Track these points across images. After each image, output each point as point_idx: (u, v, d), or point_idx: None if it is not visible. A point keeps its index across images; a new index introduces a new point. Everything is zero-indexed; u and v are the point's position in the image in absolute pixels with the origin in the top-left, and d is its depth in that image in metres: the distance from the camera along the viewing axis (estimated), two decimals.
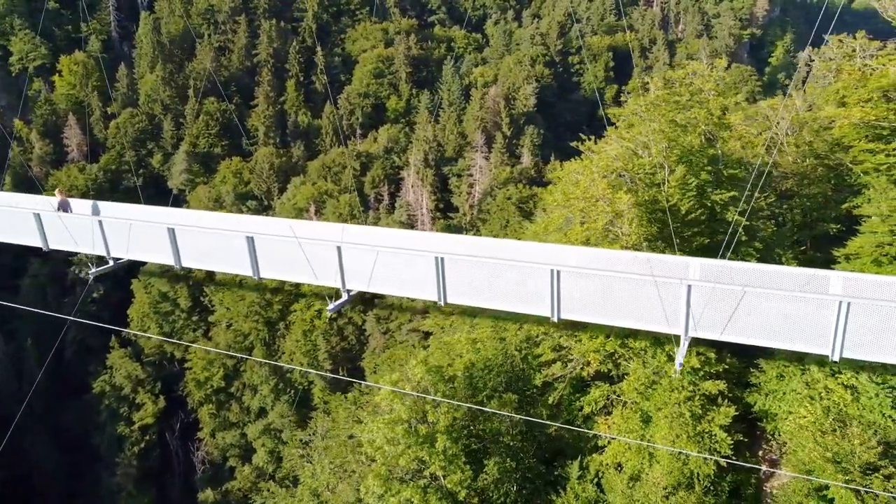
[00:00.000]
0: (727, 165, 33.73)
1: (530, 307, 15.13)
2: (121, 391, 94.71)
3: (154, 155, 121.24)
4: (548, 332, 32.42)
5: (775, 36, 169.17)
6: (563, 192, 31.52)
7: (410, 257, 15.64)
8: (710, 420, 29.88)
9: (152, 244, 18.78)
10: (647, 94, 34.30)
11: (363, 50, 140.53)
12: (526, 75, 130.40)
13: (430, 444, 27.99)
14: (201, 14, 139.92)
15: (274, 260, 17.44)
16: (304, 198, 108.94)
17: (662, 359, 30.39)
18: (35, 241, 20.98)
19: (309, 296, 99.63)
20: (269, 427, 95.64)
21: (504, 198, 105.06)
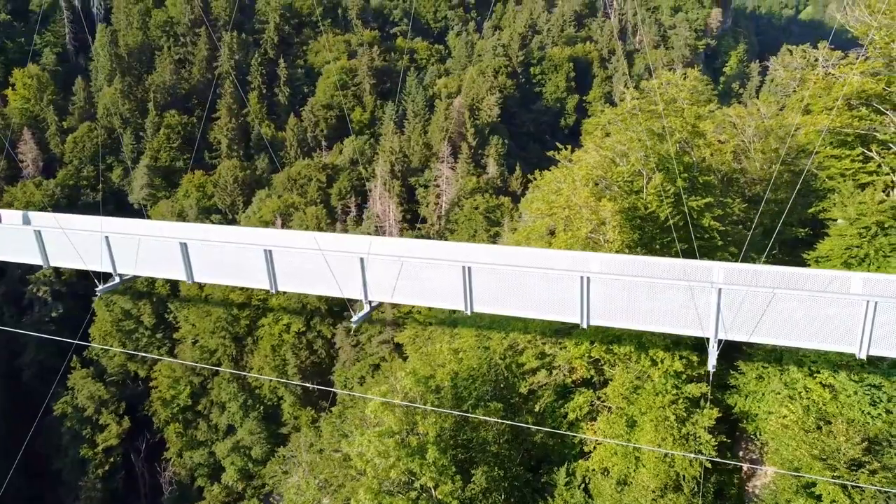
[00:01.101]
0: (701, 172, 34.55)
1: (560, 314, 15.25)
2: (83, 412, 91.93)
3: (114, 169, 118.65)
4: (532, 339, 32.65)
5: (729, 46, 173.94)
6: (545, 200, 31.84)
7: (436, 267, 15.63)
8: (694, 422, 30.43)
9: (162, 259, 18.39)
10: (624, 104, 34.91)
11: (326, 61, 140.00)
12: (489, 86, 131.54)
13: (421, 456, 27.88)
14: (160, 26, 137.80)
15: (292, 273, 17.25)
16: (269, 211, 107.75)
17: (646, 363, 30.87)
18: (35, 259, 20.34)
19: (277, 310, 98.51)
20: (239, 444, 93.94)
21: (471, 207, 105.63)
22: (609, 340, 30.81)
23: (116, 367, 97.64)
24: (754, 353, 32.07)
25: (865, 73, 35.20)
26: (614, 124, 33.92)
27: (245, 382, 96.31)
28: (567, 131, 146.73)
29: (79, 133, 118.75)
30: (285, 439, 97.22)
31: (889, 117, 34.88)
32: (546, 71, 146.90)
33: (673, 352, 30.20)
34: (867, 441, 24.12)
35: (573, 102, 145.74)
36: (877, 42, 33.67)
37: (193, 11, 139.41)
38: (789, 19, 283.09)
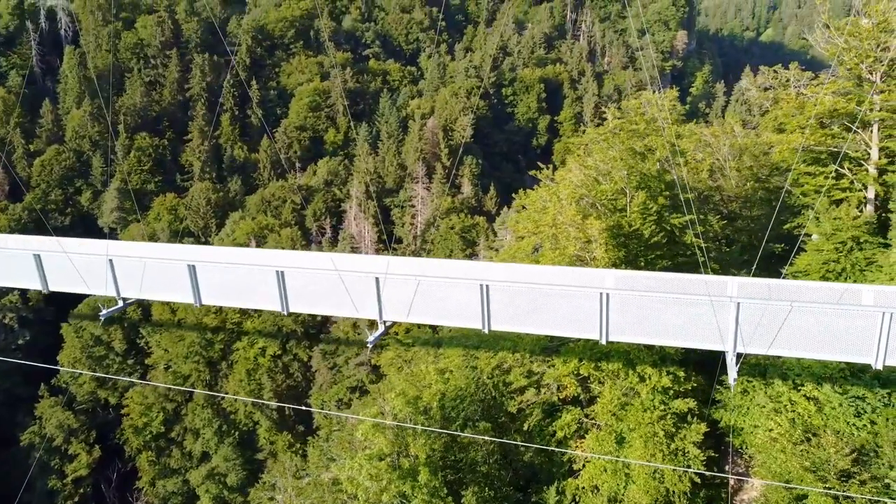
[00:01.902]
0: (683, 190, 35.14)
1: (579, 331, 15.31)
2: (52, 442, 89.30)
3: (83, 193, 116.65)
4: (521, 358, 32.69)
5: (694, 67, 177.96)
6: (532, 219, 32.08)
7: (454, 286, 15.60)
8: (683, 437, 30.65)
9: (169, 282, 18.07)
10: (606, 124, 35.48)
11: (299, 83, 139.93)
12: (462, 107, 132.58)
13: (413, 478, 27.61)
14: (130, 48, 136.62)
15: (304, 294, 17.06)
16: (243, 233, 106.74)
17: (634, 379, 31.06)
18: (33, 284, 19.82)
19: (252, 333, 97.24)
20: (214, 472, 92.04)
21: (447, 227, 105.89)
22: (597, 357, 30.99)
23: (86, 394, 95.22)
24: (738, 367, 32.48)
25: (836, 92, 36.28)
26: (597, 143, 34.44)
27: (220, 408, 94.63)
28: (539, 151, 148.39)
29: (46, 156, 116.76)
30: (261, 465, 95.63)
31: (860, 135, 35.91)
32: (518, 92, 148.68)
33: (660, 368, 30.47)
34: (856, 452, 24.53)
35: (545, 123, 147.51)
36: (847, 63, 34.74)
37: (164, 33, 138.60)
38: (751, 41, 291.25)
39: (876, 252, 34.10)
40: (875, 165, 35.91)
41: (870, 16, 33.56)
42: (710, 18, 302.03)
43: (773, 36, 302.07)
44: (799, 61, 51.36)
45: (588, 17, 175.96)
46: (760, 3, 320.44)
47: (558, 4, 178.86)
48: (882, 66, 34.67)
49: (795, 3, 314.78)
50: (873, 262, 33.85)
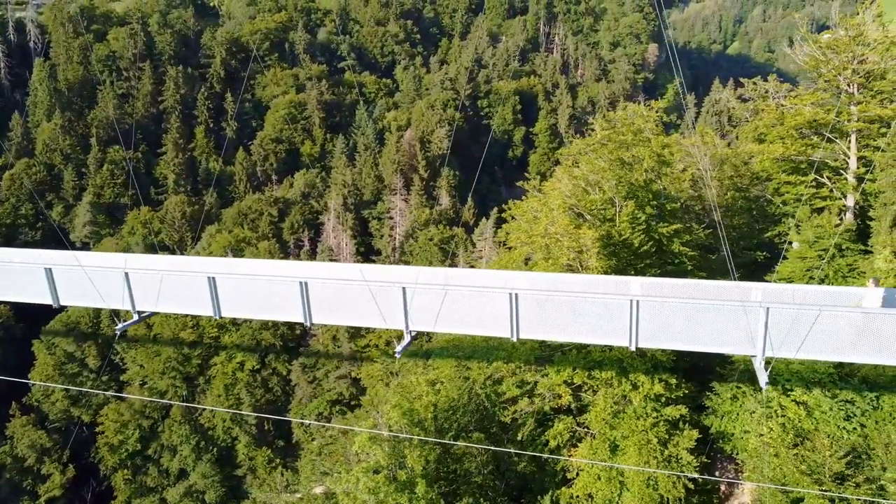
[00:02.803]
0: (669, 200, 35.71)
1: (608, 338, 15.43)
2: (24, 462, 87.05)
3: (54, 207, 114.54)
4: (517, 368, 32.80)
5: (665, 79, 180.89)
6: (523, 229, 32.31)
7: (482, 295, 15.64)
8: (676, 444, 30.96)
9: (187, 295, 17.79)
10: (593, 134, 35.95)
11: (274, 95, 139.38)
12: (438, 119, 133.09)
13: (411, 490, 27.49)
14: (101, 60, 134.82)
15: (327, 304, 16.93)
16: (220, 246, 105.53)
17: (627, 387, 31.33)
18: (44, 299, 19.40)
19: (230, 347, 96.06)
20: (192, 489, 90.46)
21: (426, 239, 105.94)
22: (590, 366, 31.22)
23: (59, 412, 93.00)
24: (728, 373, 32.98)
25: (815, 103, 37.21)
26: (585, 154, 34.87)
27: (198, 424, 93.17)
28: (515, 162, 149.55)
29: (16, 170, 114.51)
30: (241, 481, 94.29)
31: (839, 145, 36.85)
32: (493, 104, 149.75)
33: (652, 375, 30.79)
34: (849, 455, 25.01)
35: (520, 134, 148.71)
36: (825, 75, 35.67)
37: (136, 46, 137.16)
38: (718, 54, 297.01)
39: (857, 259, 34.95)
40: (854, 174, 36.85)
41: (846, 29, 34.55)
42: (678, 32, 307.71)
43: (740, 49, 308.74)
44: (765, 74, 52.67)
45: (561, 30, 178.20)
46: (727, 17, 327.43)
47: (531, 18, 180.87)
48: (859, 77, 35.69)
49: (760, 18, 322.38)
50: (855, 268, 34.68)
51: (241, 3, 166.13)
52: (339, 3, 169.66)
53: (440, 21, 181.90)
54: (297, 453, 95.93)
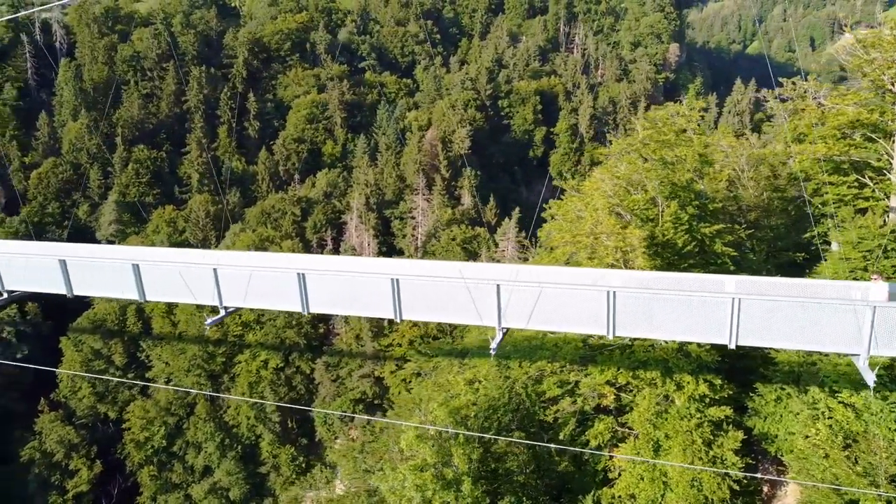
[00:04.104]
0: (712, 200, 35.55)
1: (704, 336, 15.48)
2: (52, 458, 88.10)
3: (80, 205, 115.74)
4: (562, 366, 32.80)
5: (686, 79, 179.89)
6: (566, 229, 32.30)
7: (577, 293, 15.73)
8: (721, 445, 30.82)
9: (275, 291, 17.99)
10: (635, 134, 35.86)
11: (296, 95, 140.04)
12: (459, 119, 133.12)
13: (457, 488, 27.57)
14: (126, 60, 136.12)
15: (417, 301, 17.08)
16: (243, 245, 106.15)
17: (671, 387, 31.24)
18: (131, 295, 19.70)
19: (254, 346, 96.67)
20: (216, 486, 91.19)
21: (448, 239, 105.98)
22: (634, 366, 31.16)
23: (86, 408, 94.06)
24: (772, 374, 32.79)
25: (858, 103, 36.90)
26: (626, 153, 34.78)
27: (222, 421, 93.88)
28: (535, 162, 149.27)
29: (43, 169, 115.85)
30: (264, 479, 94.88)
31: (882, 145, 36.51)
32: (513, 104, 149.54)
33: (697, 375, 30.68)
34: None
35: (541, 134, 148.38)
36: (869, 74, 35.36)
37: (160, 46, 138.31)
38: (737, 54, 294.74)
39: None
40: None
41: (893, 28, 34.23)
42: (696, 32, 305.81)
43: (760, 49, 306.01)
44: (786, 74, 52.21)
45: (581, 30, 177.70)
46: (746, 16, 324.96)
47: (552, 18, 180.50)
48: None
49: (780, 17, 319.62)
50: None
51: (262, 4, 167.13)
52: (359, 4, 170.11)
53: (460, 21, 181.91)
54: (319, 451, 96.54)
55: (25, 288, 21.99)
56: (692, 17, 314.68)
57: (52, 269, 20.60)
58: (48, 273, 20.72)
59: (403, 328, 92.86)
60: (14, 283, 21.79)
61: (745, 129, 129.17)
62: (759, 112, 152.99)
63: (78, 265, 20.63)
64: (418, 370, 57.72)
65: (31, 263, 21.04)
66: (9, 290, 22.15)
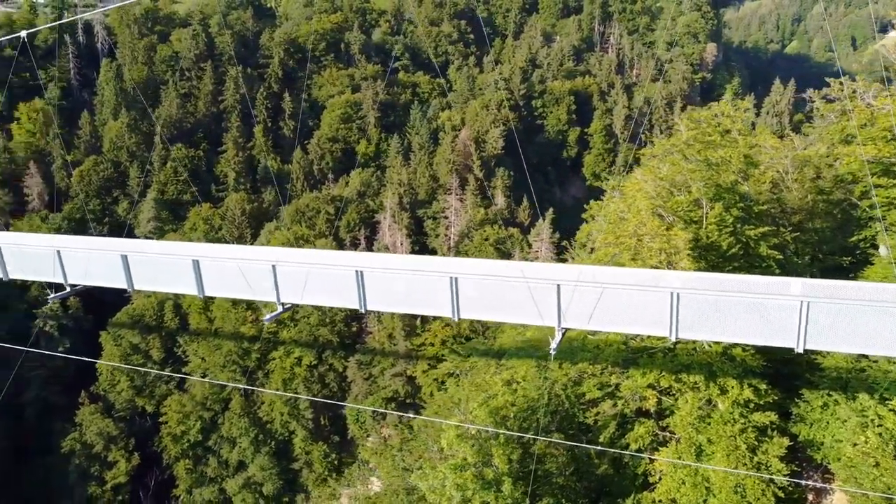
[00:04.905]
0: (756, 202, 34.99)
1: (771, 339, 15.32)
2: (92, 449, 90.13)
3: (120, 203, 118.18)
4: (596, 371, 32.60)
5: (723, 80, 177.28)
6: (610, 230, 32.08)
7: (640, 294, 15.71)
8: (765, 451, 30.34)
9: (333, 288, 18.24)
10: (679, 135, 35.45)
11: (330, 95, 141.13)
12: (493, 119, 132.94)
13: (497, 489, 27.56)
14: (164, 61, 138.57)
15: (475, 300, 17.19)
16: (278, 243, 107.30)
17: (715, 391, 30.83)
18: (190, 290, 20.18)
19: (288, 343, 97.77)
20: (250, 481, 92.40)
21: (481, 239, 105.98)
22: (677, 369, 30.82)
23: (125, 402, 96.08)
24: (818, 380, 32.18)
25: None
26: (670, 154, 34.40)
27: (256, 417, 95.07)
28: (569, 163, 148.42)
29: (85, 166, 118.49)
30: (297, 475, 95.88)
31: None
32: (547, 104, 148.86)
33: (742, 380, 30.22)
34: None
35: (574, 135, 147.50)
36: None
37: (198, 46, 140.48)
38: (775, 54, 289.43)
39: None
40: None
41: None
42: (733, 31, 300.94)
43: (799, 48, 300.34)
44: (827, 74, 51.15)
45: (616, 29, 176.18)
46: (785, 15, 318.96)
47: (586, 17, 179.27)
48: None
49: (820, 16, 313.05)
50: None
51: (297, 5, 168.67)
52: (393, 4, 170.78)
53: (493, 21, 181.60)
54: (351, 449, 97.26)
55: (88, 282, 22.63)
56: (729, 17, 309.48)
57: (114, 264, 21.14)
58: (110, 268, 21.28)
59: (436, 328, 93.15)
60: (77, 278, 22.44)
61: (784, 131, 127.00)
62: (798, 113, 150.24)
63: (139, 261, 21.13)
64: (453, 370, 57.82)
65: (93, 258, 21.65)
66: (71, 284, 22.86)
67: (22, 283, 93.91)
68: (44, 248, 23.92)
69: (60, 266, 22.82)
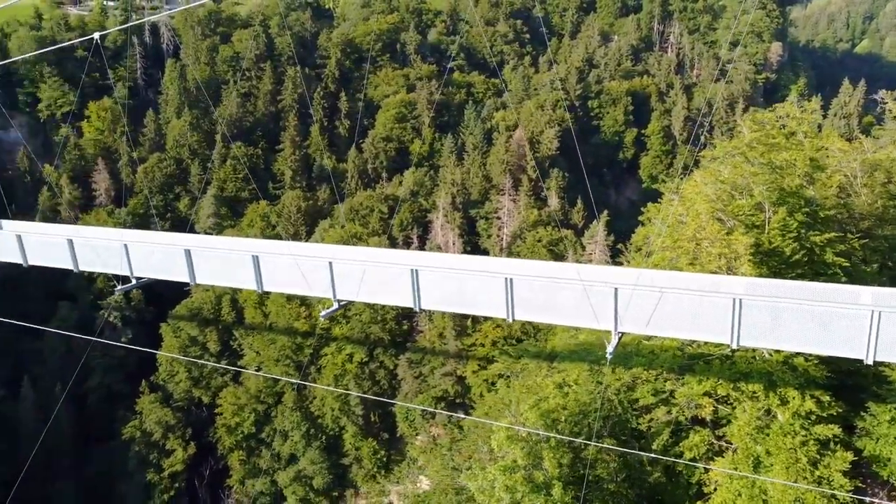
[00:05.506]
0: (822, 207, 33.78)
1: (839, 349, 14.87)
2: (151, 437, 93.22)
3: (181, 199, 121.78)
4: (650, 376, 32.01)
5: (789, 80, 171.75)
6: (668, 234, 31.43)
7: (702, 299, 15.46)
8: (828, 465, 29.27)
9: (388, 286, 18.53)
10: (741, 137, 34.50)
11: (385, 95, 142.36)
12: (548, 119, 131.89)
13: (547, 492, 27.32)
14: (226, 61, 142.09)
15: (531, 303, 17.21)
16: (332, 241, 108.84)
17: (774, 401, 29.89)
18: (249, 285, 20.84)
19: (340, 339, 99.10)
20: (301, 474, 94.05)
21: (534, 240, 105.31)
22: (735, 377, 29.99)
23: (182, 392, 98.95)
24: (886, 393, 30.87)
25: None
26: (732, 156, 33.50)
27: (308, 411, 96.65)
28: (625, 165, 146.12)
29: (149, 163, 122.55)
30: (346, 470, 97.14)
31: None
32: (604, 105, 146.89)
33: (804, 391, 29.20)
34: None
35: (631, 136, 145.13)
36: None
37: (258, 47, 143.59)
38: (844, 53, 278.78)
39: None
40: None
41: None
42: (800, 30, 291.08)
43: (870, 47, 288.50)
44: None
45: (676, 28, 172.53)
46: (855, 13, 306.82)
47: (645, 16, 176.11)
48: None
49: (893, 13, 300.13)
50: None
51: (355, 6, 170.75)
52: (449, 4, 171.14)
53: (550, 20, 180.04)
54: (399, 447, 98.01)
55: (152, 275, 23.49)
56: (796, 15, 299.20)
57: (177, 259, 21.90)
58: (174, 262, 22.07)
59: (486, 328, 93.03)
60: (142, 271, 23.32)
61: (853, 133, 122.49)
62: (868, 115, 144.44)
63: (202, 255, 21.82)
64: (504, 371, 57.63)
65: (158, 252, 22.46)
66: (137, 277, 23.77)
67: (89, 276, 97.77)
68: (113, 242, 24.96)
69: (127, 259, 23.82)
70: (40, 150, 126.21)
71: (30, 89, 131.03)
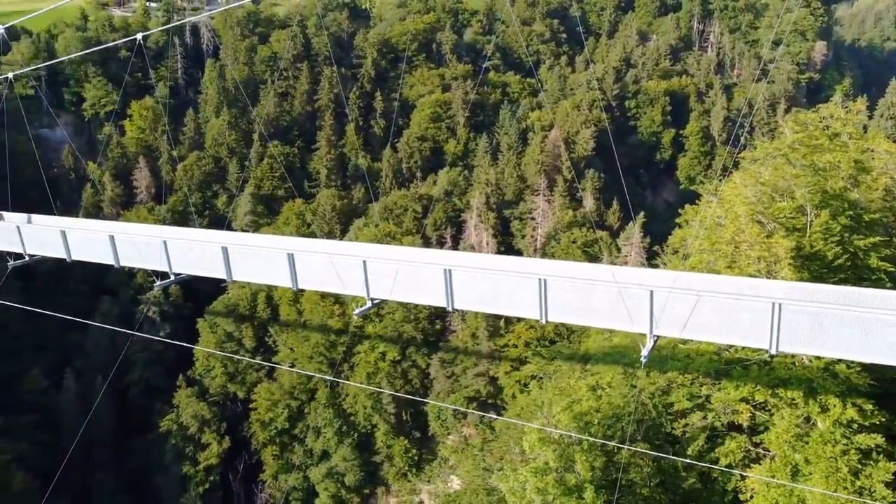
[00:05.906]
0: (867, 210, 32.91)
1: (886, 357, 14.50)
2: (187, 430, 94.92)
3: (219, 197, 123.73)
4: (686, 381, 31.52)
5: (833, 80, 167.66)
6: (706, 236, 30.93)
7: (739, 303, 15.23)
8: (870, 475, 28.52)
9: (422, 286, 18.67)
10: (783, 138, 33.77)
11: (420, 95, 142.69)
12: (584, 119, 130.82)
13: (579, 495, 27.10)
14: (264, 61, 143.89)
15: (565, 304, 17.17)
16: (366, 239, 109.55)
17: (814, 409, 29.21)
18: (285, 282, 21.21)
19: (373, 337, 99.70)
20: (333, 470, 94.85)
21: (569, 241, 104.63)
22: (774, 384, 29.37)
23: (218, 387, 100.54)
24: None
25: None
26: (773, 158, 32.80)
27: (341, 409, 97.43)
28: (662, 166, 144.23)
29: (188, 162, 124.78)
30: (378, 468, 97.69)
31: None
32: (641, 105, 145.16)
33: (845, 399, 28.47)
34: None
35: (669, 137, 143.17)
36: None
37: (296, 47, 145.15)
38: (892, 52, 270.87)
39: None
40: None
41: None
42: (845, 28, 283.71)
43: None
44: None
45: (716, 27, 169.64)
46: None
47: (684, 15, 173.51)
48: None
49: None
50: None
51: (391, 6, 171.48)
52: (486, 4, 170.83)
53: (587, 20, 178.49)
54: (431, 446, 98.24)
55: (190, 272, 24.02)
56: (841, 13, 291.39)
57: (215, 256, 22.34)
58: (212, 259, 22.53)
59: (519, 329, 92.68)
60: (181, 267, 23.86)
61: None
62: None
63: (238, 252, 22.23)
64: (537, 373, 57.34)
65: (196, 249, 22.95)
66: (175, 273, 24.32)
67: (129, 271, 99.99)
68: (152, 238, 25.56)
69: (166, 255, 24.40)
70: (84, 149, 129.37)
71: (75, 89, 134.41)
